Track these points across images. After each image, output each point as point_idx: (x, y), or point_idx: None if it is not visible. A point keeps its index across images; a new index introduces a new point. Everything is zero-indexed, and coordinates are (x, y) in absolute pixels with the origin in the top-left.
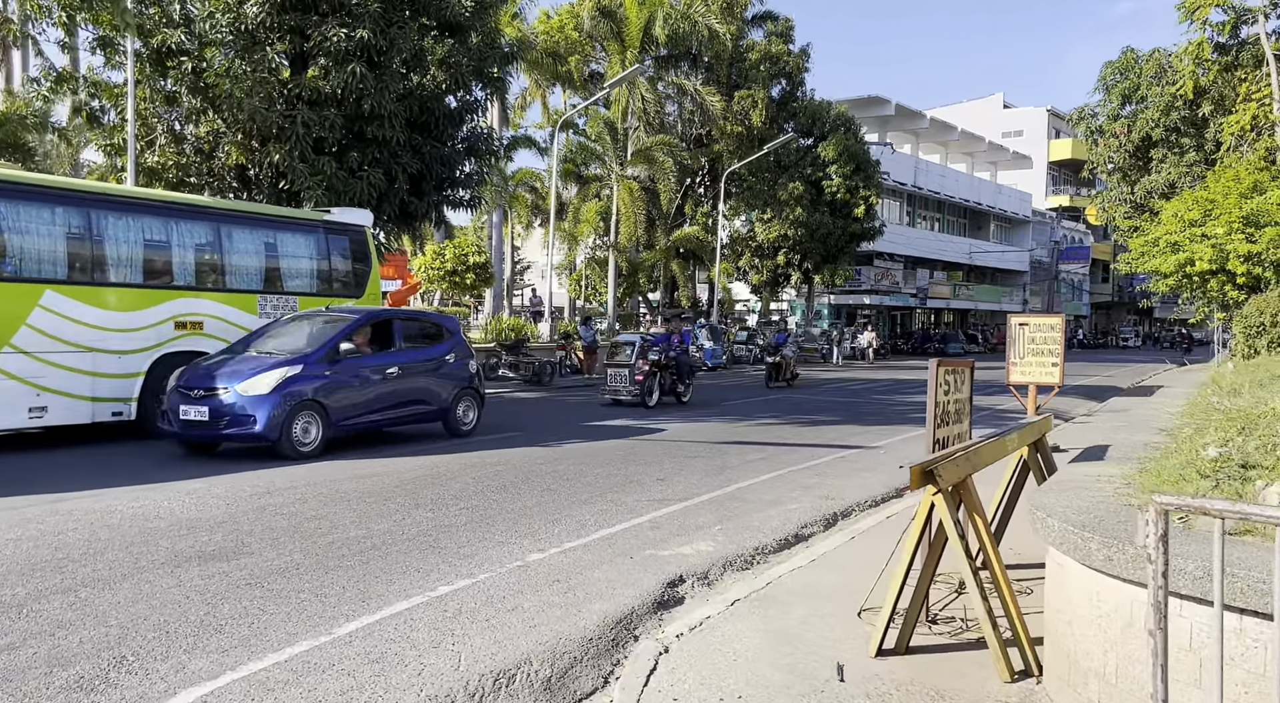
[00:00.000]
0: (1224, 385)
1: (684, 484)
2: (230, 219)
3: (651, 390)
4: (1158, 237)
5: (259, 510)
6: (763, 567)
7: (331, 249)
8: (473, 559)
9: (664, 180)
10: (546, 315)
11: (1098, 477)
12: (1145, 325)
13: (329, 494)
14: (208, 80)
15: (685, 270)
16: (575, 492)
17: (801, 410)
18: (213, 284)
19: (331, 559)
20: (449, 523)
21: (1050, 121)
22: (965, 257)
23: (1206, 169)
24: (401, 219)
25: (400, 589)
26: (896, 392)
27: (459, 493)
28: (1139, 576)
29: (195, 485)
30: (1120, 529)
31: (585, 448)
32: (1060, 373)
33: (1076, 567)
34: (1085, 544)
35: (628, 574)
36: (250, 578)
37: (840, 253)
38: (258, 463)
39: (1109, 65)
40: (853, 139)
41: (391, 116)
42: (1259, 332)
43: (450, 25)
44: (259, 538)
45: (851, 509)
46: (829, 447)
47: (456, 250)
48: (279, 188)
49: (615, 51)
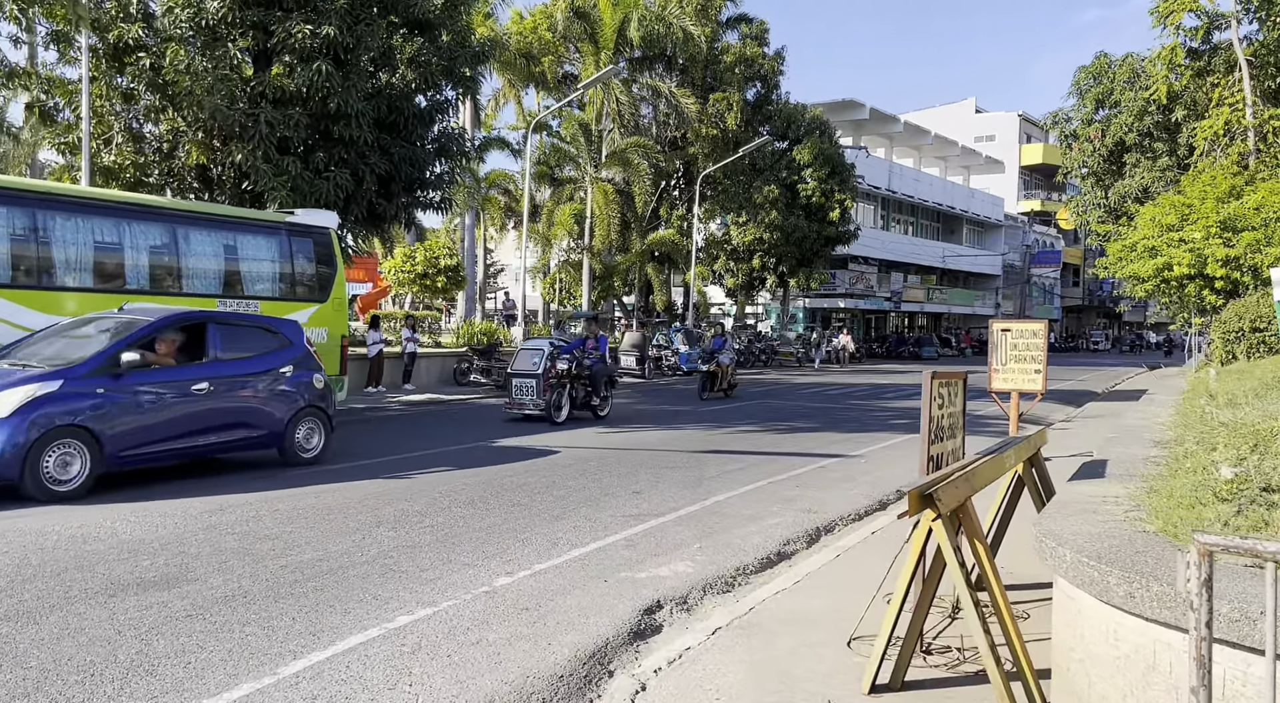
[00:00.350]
0: (1215, 394)
1: (660, 498)
2: (186, 220)
3: (560, 404)
4: (1135, 241)
5: (208, 530)
6: (745, 589)
7: (295, 252)
8: (435, 584)
9: (639, 183)
10: (520, 319)
11: (1103, 498)
12: (1115, 329)
13: (287, 511)
14: (167, 77)
15: (660, 274)
16: (547, 506)
17: (780, 417)
18: (167, 288)
19: (283, 585)
20: (412, 543)
21: (1022, 126)
22: (939, 260)
23: (1180, 174)
24: (370, 221)
25: (355, 620)
26: (874, 397)
27: (424, 509)
28: (1165, 615)
29: (144, 503)
30: (1141, 562)
31: (553, 459)
32: (1043, 380)
33: (1091, 602)
34: (1103, 579)
35: (602, 600)
36: (192, 609)
37: (815, 256)
38: (217, 475)
39: (1082, 70)
40: (828, 142)
41: (359, 116)
42: (1238, 337)
43: (419, 23)
44: (205, 562)
45: (835, 524)
46: (808, 455)
47: (427, 253)
48: (242, 189)
49: (589, 53)
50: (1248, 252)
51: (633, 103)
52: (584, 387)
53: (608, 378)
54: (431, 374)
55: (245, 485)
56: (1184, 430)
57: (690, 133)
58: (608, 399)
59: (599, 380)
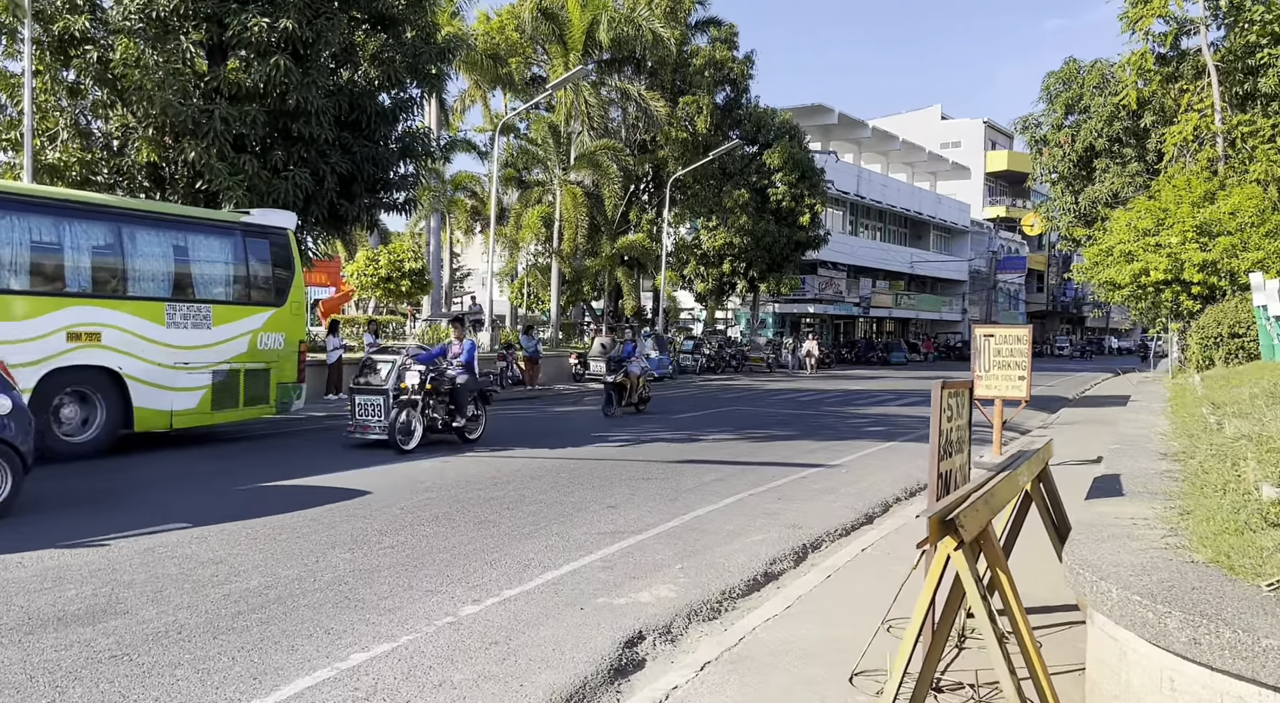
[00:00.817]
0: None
1: (637, 513)
2: (133, 219)
3: (410, 428)
4: (1111, 246)
5: (145, 553)
6: (732, 615)
7: (250, 253)
8: (395, 615)
9: (608, 186)
10: (487, 324)
11: (1131, 520)
12: (1078, 334)
13: (235, 532)
14: (115, 71)
15: (630, 278)
16: (517, 523)
17: (754, 424)
18: (113, 291)
19: (223, 618)
20: (370, 566)
21: (987, 133)
22: (907, 266)
23: (1150, 179)
24: (331, 222)
25: (303, 659)
26: (847, 403)
27: (384, 527)
28: (1239, 667)
29: (77, 523)
30: (1202, 602)
31: (528, 468)
32: (1028, 386)
33: (1140, 644)
34: (1160, 621)
35: (578, 631)
36: (117, 648)
37: (786, 261)
38: (164, 492)
39: (1052, 75)
40: (797, 147)
41: (319, 113)
42: (1216, 342)
43: (383, 18)
44: (139, 591)
45: (822, 540)
46: (787, 465)
47: (391, 256)
48: (196, 188)
49: (558, 54)
50: (1224, 256)
51: (602, 105)
52: (444, 404)
53: (479, 393)
54: None
55: (191, 503)
56: (1190, 442)
57: (660, 136)
58: (479, 419)
59: (464, 397)
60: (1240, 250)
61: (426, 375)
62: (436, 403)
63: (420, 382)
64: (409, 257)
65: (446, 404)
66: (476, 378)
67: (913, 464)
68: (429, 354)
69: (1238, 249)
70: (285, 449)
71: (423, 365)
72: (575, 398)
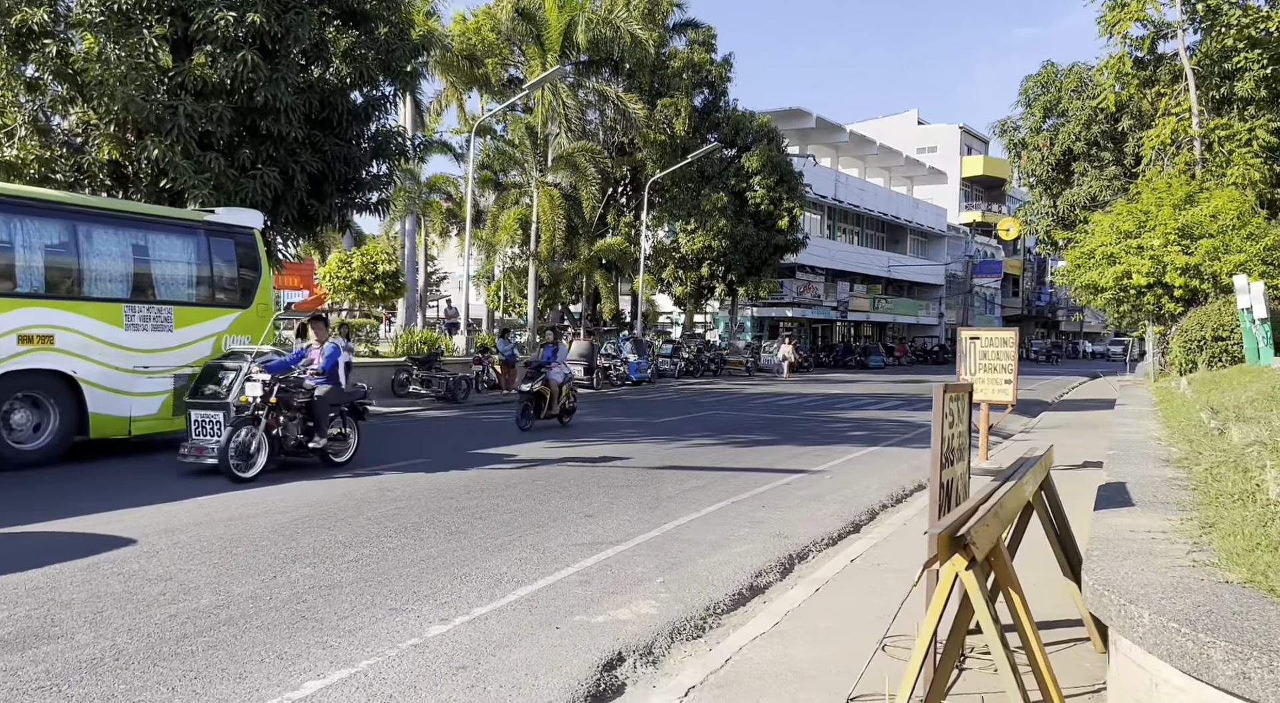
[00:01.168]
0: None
1: (616, 522)
2: (89, 217)
3: (249, 450)
4: (1093, 248)
5: (90, 570)
6: (718, 633)
7: (214, 253)
8: (355, 636)
9: (586, 188)
10: (463, 328)
11: (1149, 534)
12: (1053, 338)
13: (189, 543)
14: (76, 66)
15: (608, 282)
16: (490, 533)
17: (735, 429)
18: (67, 292)
19: (167, 642)
20: (331, 582)
21: (963, 138)
22: (884, 270)
23: (1128, 182)
24: (301, 222)
25: (252, 689)
26: (827, 407)
27: (349, 539)
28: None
29: (14, 530)
30: (1247, 630)
31: (503, 475)
32: (1014, 390)
33: (1175, 676)
34: (1202, 652)
35: (553, 653)
36: (46, 677)
37: (764, 265)
38: (116, 494)
39: (1030, 78)
40: (776, 150)
41: (289, 110)
42: (1199, 346)
43: (354, 14)
44: (77, 612)
45: (808, 550)
46: (770, 471)
47: (364, 258)
48: (160, 186)
49: (535, 55)
50: (1206, 259)
51: (579, 107)
52: (298, 421)
53: (350, 408)
54: (368, 385)
55: (142, 511)
56: (1192, 447)
57: (638, 138)
58: (348, 438)
59: (322, 412)
60: (1222, 253)
61: (273, 386)
62: (288, 419)
63: (264, 394)
64: (383, 259)
65: (303, 421)
66: (342, 389)
67: (896, 470)
68: (282, 361)
69: (1219, 252)
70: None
71: (269, 375)
72: None
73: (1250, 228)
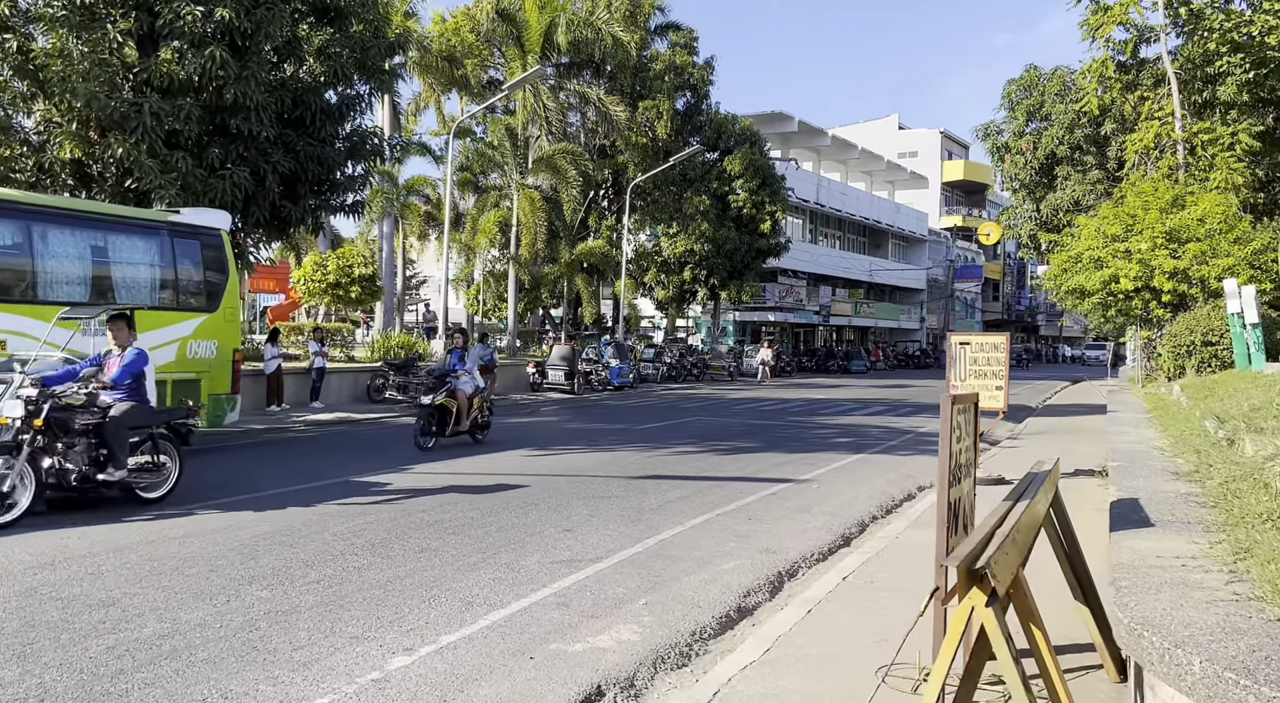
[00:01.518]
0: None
1: (596, 537)
2: (43, 217)
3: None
4: (1080, 252)
5: (26, 595)
6: (704, 661)
7: (178, 255)
8: (309, 670)
9: (567, 191)
10: (441, 332)
11: (1178, 560)
12: (1032, 342)
13: (137, 564)
14: (37, 61)
15: (590, 286)
16: (461, 551)
17: (719, 436)
18: (20, 295)
19: (100, 679)
20: (289, 606)
21: (944, 143)
22: (866, 274)
23: (1111, 186)
24: (274, 224)
25: None
26: (812, 413)
27: (312, 558)
28: None
29: None
30: None
31: (481, 486)
32: (1005, 396)
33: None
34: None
35: (527, 688)
36: None
37: (746, 269)
38: (66, 518)
39: (1013, 82)
40: (758, 154)
41: (259, 109)
42: (1189, 351)
43: (328, 11)
44: (5, 646)
45: (798, 566)
46: (756, 481)
47: (340, 261)
48: (125, 186)
49: (515, 57)
50: (1194, 263)
51: (560, 109)
52: (83, 448)
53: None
54: (343, 391)
55: (94, 528)
56: (1200, 459)
57: (620, 141)
58: (164, 468)
59: (116, 435)
60: (1209, 257)
61: (42, 404)
62: (68, 447)
63: (28, 413)
64: (359, 262)
65: (92, 446)
66: (149, 406)
67: (884, 478)
68: (69, 370)
69: (1207, 256)
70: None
71: (41, 389)
72: (531, 408)
73: (1237, 232)
